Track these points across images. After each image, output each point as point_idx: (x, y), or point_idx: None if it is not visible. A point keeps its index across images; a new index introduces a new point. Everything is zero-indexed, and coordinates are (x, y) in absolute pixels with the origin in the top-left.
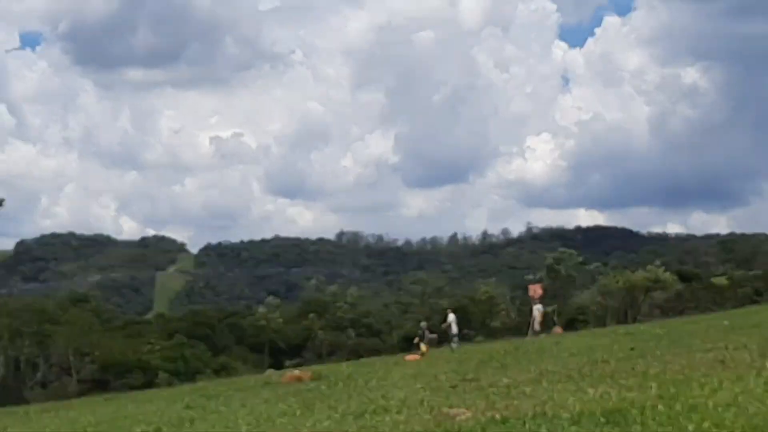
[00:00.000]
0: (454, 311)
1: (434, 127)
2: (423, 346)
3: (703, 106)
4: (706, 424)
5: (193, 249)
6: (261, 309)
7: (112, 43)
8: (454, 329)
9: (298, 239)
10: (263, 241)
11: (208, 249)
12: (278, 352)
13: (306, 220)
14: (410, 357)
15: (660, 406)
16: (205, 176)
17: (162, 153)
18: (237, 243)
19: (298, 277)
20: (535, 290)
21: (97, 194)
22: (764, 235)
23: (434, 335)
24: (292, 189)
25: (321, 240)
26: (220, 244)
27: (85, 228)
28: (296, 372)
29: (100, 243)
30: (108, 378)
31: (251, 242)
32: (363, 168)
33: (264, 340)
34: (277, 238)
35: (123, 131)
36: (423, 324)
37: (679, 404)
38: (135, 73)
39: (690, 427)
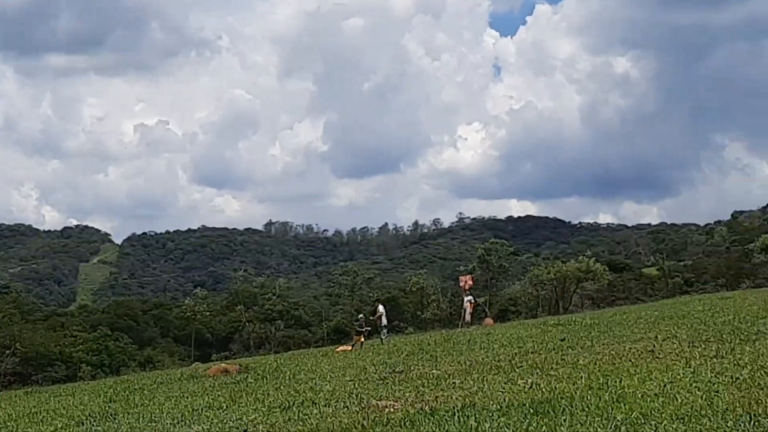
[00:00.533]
0: (384, 303)
1: (364, 115)
2: (360, 338)
3: (634, 96)
4: (634, 414)
5: (118, 239)
6: (187, 301)
7: (33, 27)
8: (384, 321)
9: (225, 229)
10: (189, 231)
11: (132, 239)
12: (205, 345)
13: (233, 210)
14: (341, 348)
15: (589, 396)
16: (130, 165)
17: (85, 141)
18: (162, 233)
19: (226, 269)
20: (466, 281)
21: (18, 183)
22: (695, 225)
23: (368, 328)
24: (219, 178)
25: (249, 230)
26: (145, 234)
27: (5, 217)
28: (223, 365)
29: (21, 233)
30: (29, 371)
31: (177, 232)
32: (292, 157)
33: (190, 333)
34: (203, 229)
35: (45, 118)
36: (360, 316)
37: (608, 394)
38: (57, 59)
39: (618, 417)
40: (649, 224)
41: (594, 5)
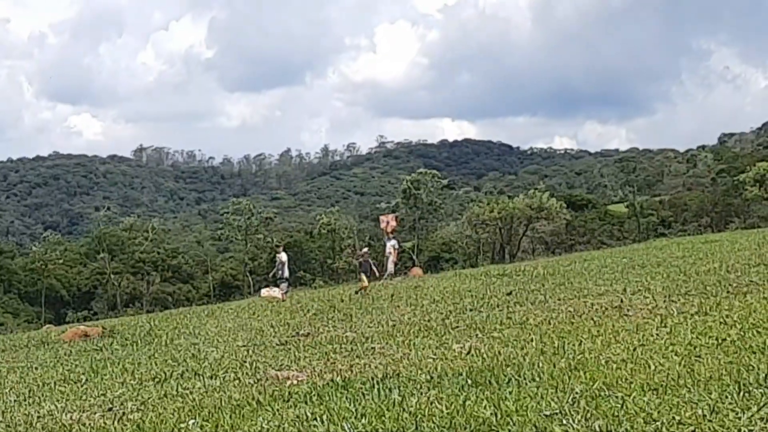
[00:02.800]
0: (286, 249)
1: (260, 12)
2: (363, 278)
3: None
4: (597, 384)
5: None
6: (36, 247)
7: None
8: (285, 272)
9: (83, 157)
10: (38, 159)
11: None
12: (59, 303)
13: (94, 133)
14: (267, 292)
15: (541, 363)
16: None
17: None
18: (3, 162)
19: (85, 207)
20: (388, 222)
21: None
22: (672, 151)
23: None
24: (74, 92)
25: (114, 158)
26: None
27: None
28: (82, 327)
29: None
30: None
31: (22, 161)
32: (167, 65)
33: (40, 288)
34: (56, 156)
35: None
36: (365, 250)
37: (565, 360)
38: None
39: (577, 388)
40: (616, 150)
41: None
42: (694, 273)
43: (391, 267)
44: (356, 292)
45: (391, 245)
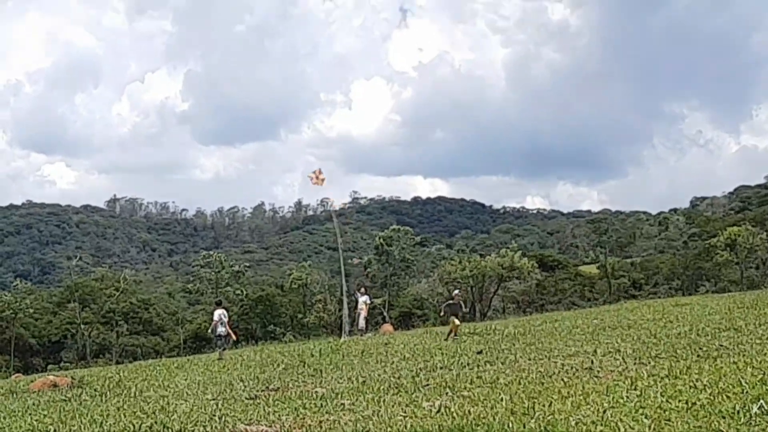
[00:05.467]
0: (226, 307)
1: (236, 66)
2: (455, 319)
3: (573, 50)
4: None
5: None
6: (6, 296)
7: None
8: (220, 329)
9: (56, 206)
10: (11, 207)
11: None
12: (29, 352)
13: (67, 182)
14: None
15: (511, 423)
16: None
17: None
18: None
19: (57, 256)
20: (317, 176)
21: None
22: (645, 213)
23: (465, 311)
24: (49, 141)
25: (87, 208)
26: None
27: None
28: (51, 377)
29: None
30: None
31: None
32: (142, 116)
33: (9, 337)
34: (29, 205)
35: None
36: (457, 292)
37: (535, 421)
38: None
39: None
40: (588, 211)
41: None
42: (664, 336)
43: (362, 323)
44: (447, 336)
45: (362, 301)
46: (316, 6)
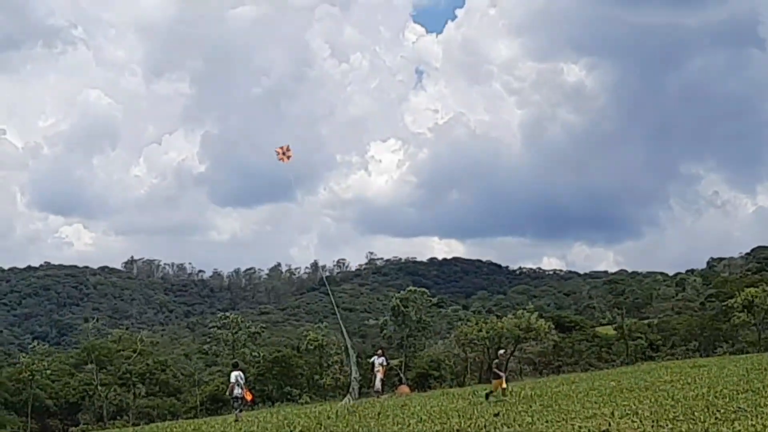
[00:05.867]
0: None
1: (252, 128)
2: (502, 381)
3: (588, 112)
4: None
5: None
6: (24, 357)
7: None
8: (237, 391)
9: (74, 268)
10: (29, 269)
11: None
12: (46, 414)
13: (85, 244)
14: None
15: None
16: None
17: None
18: None
19: (74, 318)
20: (284, 152)
21: None
22: (662, 275)
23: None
24: (67, 203)
25: (104, 270)
26: None
27: None
28: None
29: None
30: None
31: (13, 271)
32: (160, 178)
33: (27, 398)
34: (47, 267)
35: None
36: (502, 351)
37: None
38: None
39: None
40: (605, 272)
41: None
42: (682, 398)
43: (378, 384)
44: (489, 394)
45: (379, 362)
46: (333, 68)
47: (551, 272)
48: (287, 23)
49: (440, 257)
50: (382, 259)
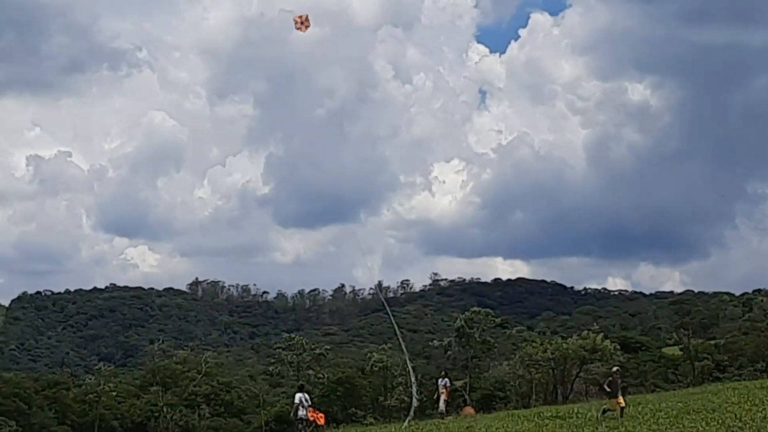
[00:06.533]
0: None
1: (316, 149)
2: (621, 400)
3: (653, 131)
4: None
5: (4, 300)
6: (90, 379)
7: None
8: (301, 412)
9: (139, 290)
10: (95, 291)
11: (23, 300)
12: None
13: (150, 266)
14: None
15: None
16: (21, 207)
17: None
18: (61, 293)
19: (140, 339)
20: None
21: None
22: (728, 295)
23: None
24: (132, 225)
25: (169, 291)
26: (38, 294)
27: None
28: None
29: None
30: None
31: (79, 293)
32: (224, 200)
33: (93, 419)
34: (112, 288)
35: None
36: (616, 368)
37: None
38: None
39: None
40: (671, 292)
41: (602, 18)
42: (750, 420)
43: (442, 406)
44: (605, 412)
45: (442, 384)
46: (396, 89)
47: (616, 292)
48: (351, 44)
49: (504, 278)
50: (446, 279)
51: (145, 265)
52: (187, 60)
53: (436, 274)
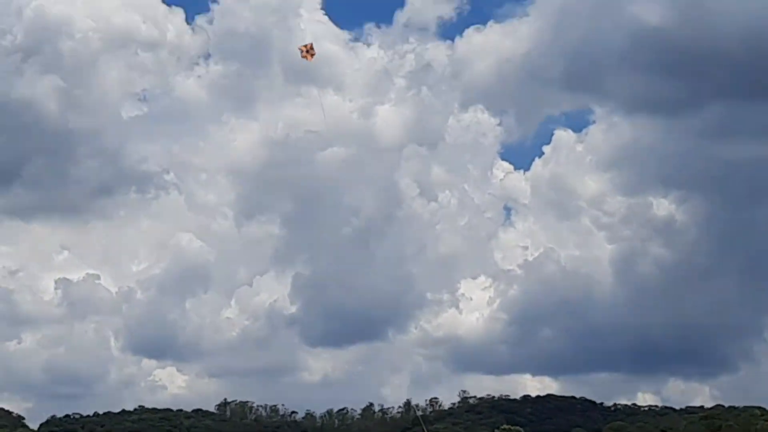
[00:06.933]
0: None
1: (343, 268)
2: None
3: (680, 246)
4: None
5: (33, 424)
6: None
7: None
8: None
9: (168, 411)
10: (123, 413)
11: (51, 424)
12: None
13: (178, 387)
14: None
15: None
16: (50, 330)
17: None
18: (90, 416)
19: None
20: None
21: None
22: (759, 409)
23: None
24: (161, 347)
25: (198, 412)
26: (67, 417)
27: None
28: None
29: None
30: None
31: (108, 415)
32: (252, 320)
33: None
34: (141, 410)
35: None
36: None
37: None
38: None
39: None
40: (701, 407)
41: (626, 134)
42: None
43: None
44: None
45: None
46: (422, 207)
47: (646, 408)
48: (376, 163)
49: (533, 394)
50: (475, 397)
51: (174, 387)
52: (214, 181)
53: (464, 391)
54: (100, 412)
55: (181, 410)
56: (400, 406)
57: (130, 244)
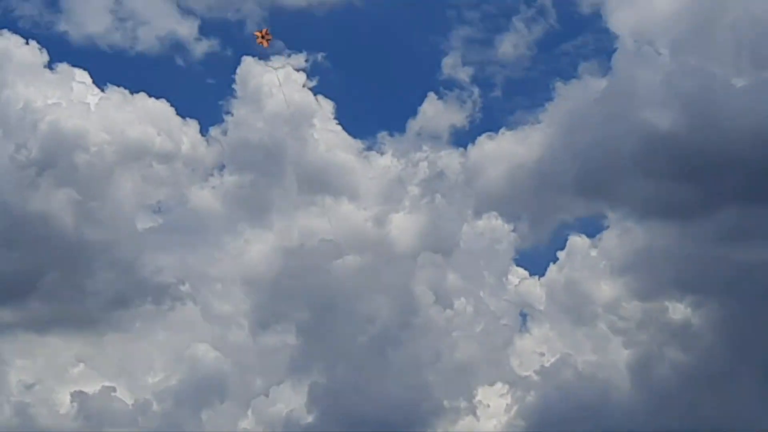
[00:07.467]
0: None
1: (359, 376)
2: None
3: (697, 350)
4: None
5: None
6: None
7: None
8: None
9: None
10: None
11: None
12: None
13: None
14: None
15: None
16: None
17: (10, 414)
18: None
19: None
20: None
21: None
22: None
23: None
24: None
25: None
26: None
27: None
28: None
29: None
30: None
31: None
32: (269, 430)
33: None
34: None
35: None
36: None
37: None
38: None
39: None
40: None
41: (640, 239)
42: None
43: None
44: None
45: None
46: (437, 314)
47: None
48: (390, 271)
49: None
50: None
51: None
52: (229, 292)
53: None
54: None
55: None
56: None
57: (145, 355)
